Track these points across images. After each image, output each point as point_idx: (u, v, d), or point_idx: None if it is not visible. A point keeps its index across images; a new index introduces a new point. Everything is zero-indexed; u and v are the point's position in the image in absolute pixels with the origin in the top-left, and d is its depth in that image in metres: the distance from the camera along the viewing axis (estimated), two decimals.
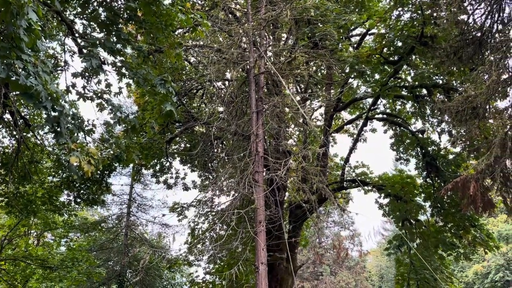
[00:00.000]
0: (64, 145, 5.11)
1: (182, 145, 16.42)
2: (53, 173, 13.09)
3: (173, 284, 23.37)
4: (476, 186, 8.29)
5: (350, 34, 14.34)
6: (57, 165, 12.32)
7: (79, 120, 6.22)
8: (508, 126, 8.18)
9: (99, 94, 7.62)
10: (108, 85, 8.08)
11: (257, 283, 8.31)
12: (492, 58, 8.41)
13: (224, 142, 13.71)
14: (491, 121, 9.61)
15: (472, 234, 12.72)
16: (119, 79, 7.60)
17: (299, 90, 13.91)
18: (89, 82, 7.60)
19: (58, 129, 5.05)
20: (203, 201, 14.37)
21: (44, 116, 5.21)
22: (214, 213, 13.42)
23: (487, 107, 8.28)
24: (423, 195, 13.60)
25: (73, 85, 7.37)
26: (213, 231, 14.83)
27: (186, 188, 15.96)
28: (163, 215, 21.77)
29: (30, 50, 4.94)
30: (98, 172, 11.93)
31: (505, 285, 37.87)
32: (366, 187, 14.86)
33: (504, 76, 8.21)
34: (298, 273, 41.71)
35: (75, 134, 6.11)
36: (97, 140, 9.76)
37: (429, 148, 13.46)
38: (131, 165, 17.46)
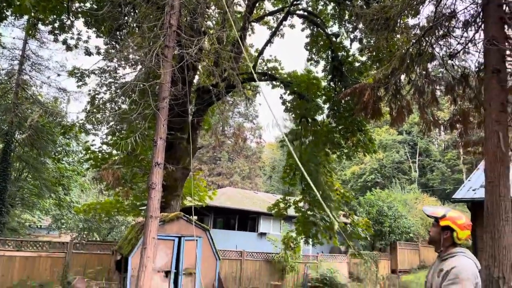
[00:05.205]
0: None
1: (88, 4, 14.73)
2: None
3: (67, 151, 22.72)
4: (371, 94, 8.94)
5: None
6: None
7: None
8: (411, 43, 8.70)
9: None
10: None
11: (153, 156, 8.45)
12: None
13: (136, 8, 12.59)
14: (398, 36, 10.13)
15: (357, 138, 14.11)
16: None
17: None
18: None
19: None
20: (106, 70, 13.57)
21: None
22: (117, 84, 12.85)
23: (399, 20, 8.61)
24: (324, 97, 14.40)
25: None
26: (115, 103, 14.31)
27: (88, 53, 14.74)
28: (58, 75, 19.99)
29: None
30: None
31: (374, 185, 43.98)
32: (274, 82, 15.24)
33: None
34: (198, 156, 43.31)
35: None
36: None
37: (339, 53, 13.96)
38: (26, 17, 15.36)
